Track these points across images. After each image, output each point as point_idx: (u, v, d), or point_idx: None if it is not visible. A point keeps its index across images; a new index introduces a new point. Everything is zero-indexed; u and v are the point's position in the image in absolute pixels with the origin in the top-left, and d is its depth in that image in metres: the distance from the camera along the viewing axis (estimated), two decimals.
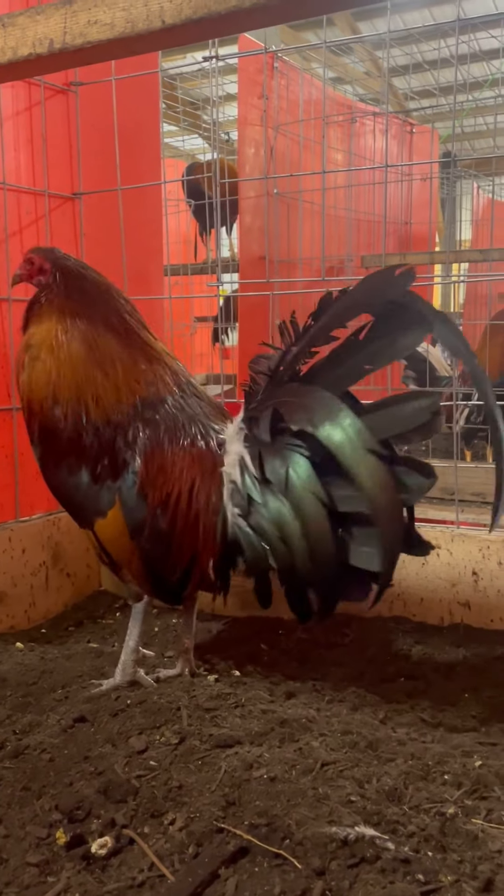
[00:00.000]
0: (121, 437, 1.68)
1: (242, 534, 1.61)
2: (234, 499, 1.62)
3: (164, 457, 1.68)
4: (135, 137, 2.70)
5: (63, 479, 1.71)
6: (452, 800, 1.25)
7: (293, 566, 1.53)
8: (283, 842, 1.14)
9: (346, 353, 1.49)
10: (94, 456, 1.68)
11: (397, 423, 1.45)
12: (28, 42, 1.29)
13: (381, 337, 1.46)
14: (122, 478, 1.67)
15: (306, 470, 1.49)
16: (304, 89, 3.69)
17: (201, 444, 1.70)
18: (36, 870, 1.14)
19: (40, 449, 1.74)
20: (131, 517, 1.66)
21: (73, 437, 1.68)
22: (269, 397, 1.60)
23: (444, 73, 5.80)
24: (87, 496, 1.69)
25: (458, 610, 2.14)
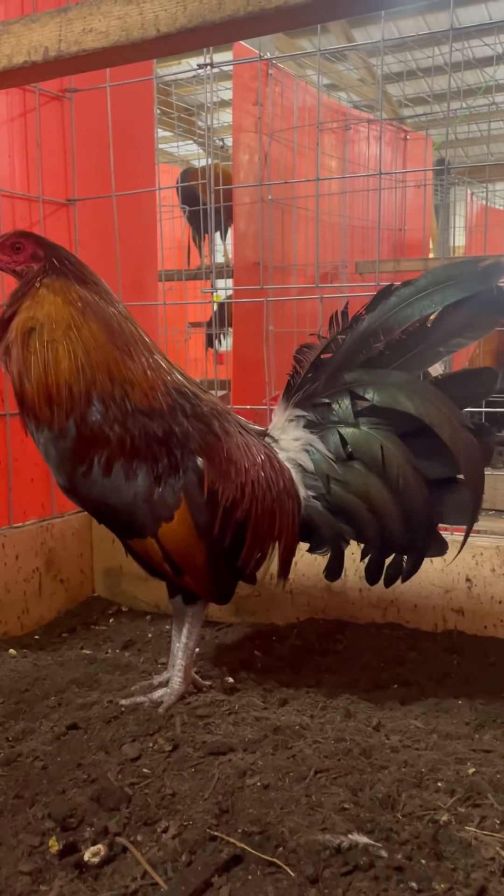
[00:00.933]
0: (175, 426, 1.59)
1: (318, 514, 1.68)
2: (306, 482, 1.68)
3: (224, 446, 1.63)
4: (129, 143, 2.71)
5: (117, 487, 1.55)
6: (446, 807, 1.25)
7: (386, 534, 1.64)
8: (276, 850, 1.14)
9: (416, 339, 1.59)
10: (154, 452, 1.56)
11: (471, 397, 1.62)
12: (23, 50, 1.30)
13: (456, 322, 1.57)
14: (185, 472, 1.58)
15: (399, 444, 1.60)
16: (299, 96, 3.71)
17: (246, 433, 1.71)
18: (28, 878, 1.13)
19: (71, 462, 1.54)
20: (201, 514, 1.58)
21: (122, 433, 1.54)
22: (334, 383, 1.66)
23: (437, 81, 5.83)
24: (149, 501, 1.55)
25: (452, 616, 2.14)
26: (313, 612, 2.28)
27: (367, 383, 1.62)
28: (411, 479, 1.59)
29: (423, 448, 1.60)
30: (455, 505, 1.62)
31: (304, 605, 2.29)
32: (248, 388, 3.23)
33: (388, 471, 1.60)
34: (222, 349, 4.77)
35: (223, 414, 1.70)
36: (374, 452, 1.61)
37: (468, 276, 1.55)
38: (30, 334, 1.55)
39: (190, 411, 1.63)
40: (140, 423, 1.55)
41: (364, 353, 1.64)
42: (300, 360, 1.75)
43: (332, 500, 1.67)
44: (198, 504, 1.58)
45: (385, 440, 1.61)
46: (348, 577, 2.25)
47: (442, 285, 1.57)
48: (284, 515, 1.67)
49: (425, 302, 1.58)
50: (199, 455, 1.60)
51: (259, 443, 1.72)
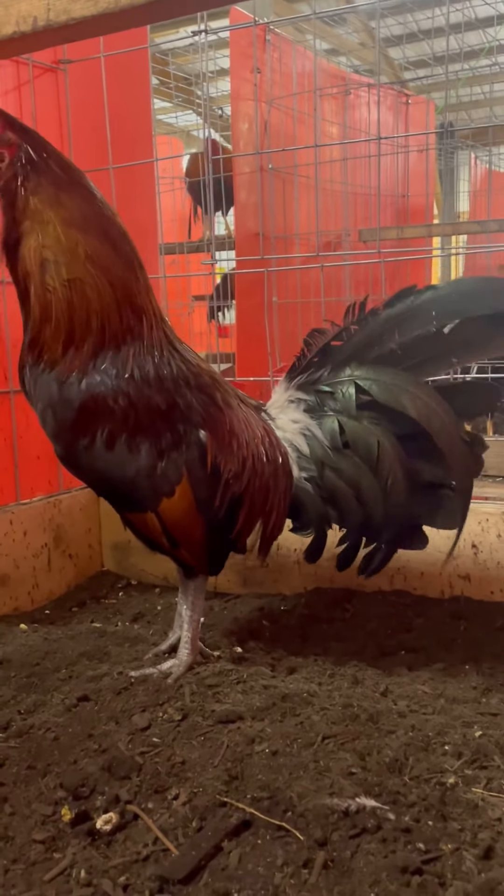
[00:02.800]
0: (179, 399, 1.56)
1: (306, 495, 1.70)
2: (300, 463, 1.70)
3: (227, 419, 1.63)
4: (126, 114, 2.68)
5: (121, 461, 1.52)
6: (453, 770, 1.26)
7: (367, 526, 1.68)
8: (285, 814, 1.15)
9: (431, 343, 1.60)
10: (157, 426, 1.53)
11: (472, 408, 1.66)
12: (12, 20, 1.28)
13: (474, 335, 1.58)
14: (188, 447, 1.56)
15: (394, 443, 1.62)
16: (298, 62, 3.65)
17: (244, 407, 1.71)
18: (42, 846, 1.15)
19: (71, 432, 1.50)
20: (202, 488, 1.58)
21: (126, 406, 1.50)
22: (340, 373, 1.68)
23: (439, 42, 5.73)
24: (151, 476, 1.53)
25: (458, 583, 2.15)
26: (320, 581, 2.29)
27: (373, 379, 1.64)
28: (401, 478, 1.62)
29: (418, 451, 1.63)
30: (442, 509, 1.66)
31: (312, 575, 2.30)
32: (253, 360, 3.22)
33: (381, 466, 1.63)
34: (227, 322, 4.76)
35: (222, 385, 1.70)
36: (370, 446, 1.64)
37: (494, 293, 1.56)
38: (45, 267, 1.45)
39: (193, 382, 1.60)
40: (145, 396, 1.51)
41: (376, 349, 1.65)
42: (309, 343, 1.75)
43: (324, 484, 1.69)
44: (199, 478, 1.57)
45: (382, 437, 1.63)
46: None
47: (466, 297, 1.59)
48: (277, 492, 1.69)
49: (447, 310, 1.58)
50: (202, 428, 1.59)
51: (258, 417, 1.73)
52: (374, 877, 1.02)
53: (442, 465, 1.61)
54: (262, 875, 1.05)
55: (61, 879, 1.08)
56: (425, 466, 1.64)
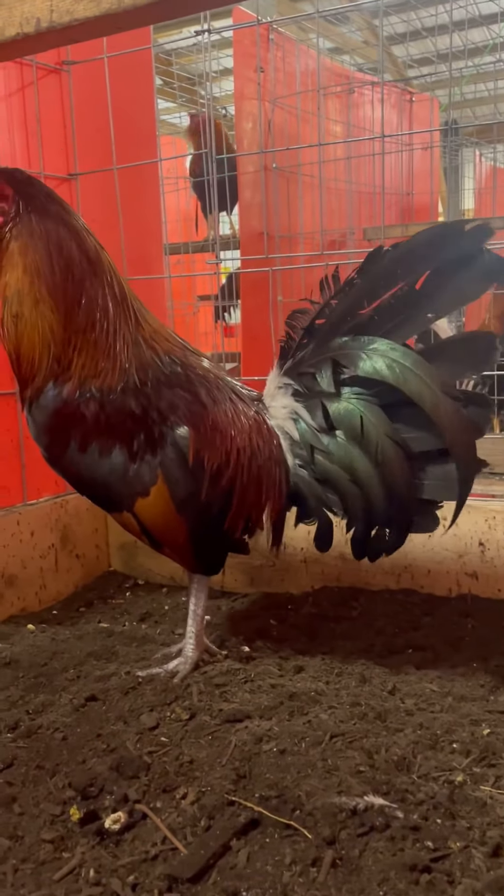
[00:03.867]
0: (153, 408, 1.56)
1: (304, 483, 1.66)
2: (294, 450, 1.67)
3: (211, 415, 1.61)
4: (130, 115, 2.68)
5: (92, 464, 1.56)
6: (461, 768, 1.26)
7: (368, 508, 1.60)
8: (293, 813, 1.15)
9: (404, 303, 1.55)
10: (128, 430, 1.55)
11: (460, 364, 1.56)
12: (15, 22, 1.28)
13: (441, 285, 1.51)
14: (163, 449, 1.57)
15: (380, 416, 1.56)
16: (301, 60, 3.65)
17: (236, 399, 1.68)
18: (51, 846, 1.15)
19: (48, 436, 1.58)
20: (179, 489, 1.57)
21: (97, 410, 1.54)
22: (320, 351, 1.63)
23: (442, 40, 5.72)
24: (124, 478, 1.56)
25: (466, 581, 2.14)
26: (327, 580, 2.29)
27: (350, 352, 1.57)
28: (391, 451, 1.55)
29: (410, 419, 1.55)
30: (443, 479, 1.57)
31: (319, 574, 2.30)
32: (258, 359, 3.22)
33: (367, 442, 1.57)
34: (233, 322, 4.75)
35: (212, 380, 1.67)
36: (353, 424, 1.58)
37: (455, 238, 1.49)
38: (5, 301, 1.55)
39: (175, 381, 1.61)
40: (117, 402, 1.55)
41: (353, 320, 1.59)
42: (293, 325, 1.72)
43: (317, 470, 1.65)
44: (176, 479, 1.57)
45: (366, 411, 1.56)
46: None
47: (428, 247, 1.52)
48: (271, 483, 1.66)
49: (414, 265, 1.53)
50: (184, 424, 1.58)
51: (250, 409, 1.69)
52: (383, 875, 1.02)
53: (433, 432, 1.52)
54: (271, 874, 1.05)
55: (70, 879, 1.09)
56: (417, 435, 1.56)
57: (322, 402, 1.62)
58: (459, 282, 1.51)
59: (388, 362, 1.52)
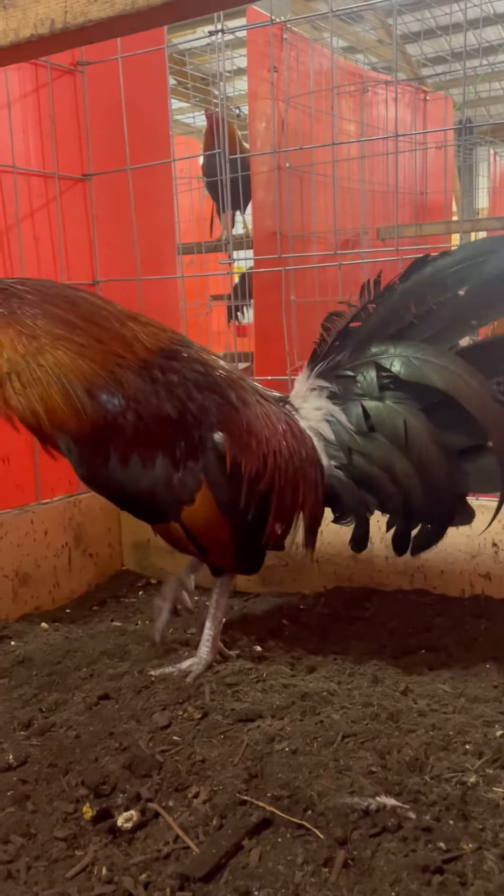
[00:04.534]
0: (190, 403, 1.56)
1: (340, 484, 1.68)
2: (329, 451, 1.68)
3: (243, 417, 1.61)
4: (143, 115, 2.69)
5: (134, 476, 1.53)
6: (474, 769, 1.25)
7: (408, 506, 1.63)
8: (305, 813, 1.15)
9: (448, 310, 1.58)
10: (169, 436, 1.53)
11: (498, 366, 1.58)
12: (29, 23, 1.29)
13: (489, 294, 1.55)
14: (204, 452, 1.56)
15: (421, 419, 1.59)
16: (315, 60, 3.65)
17: (264, 402, 1.69)
18: (64, 844, 1.16)
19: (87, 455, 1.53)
20: (223, 492, 1.57)
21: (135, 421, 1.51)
22: (359, 354, 1.65)
23: (457, 39, 5.70)
24: (168, 486, 1.54)
25: (479, 581, 2.13)
26: (340, 580, 2.28)
27: (393, 356, 1.60)
28: (434, 453, 1.58)
29: (449, 419, 1.58)
30: (482, 473, 1.60)
31: (331, 574, 2.29)
32: (271, 359, 3.22)
33: (411, 445, 1.59)
34: (246, 321, 4.76)
35: (237, 381, 1.67)
36: (396, 427, 1.60)
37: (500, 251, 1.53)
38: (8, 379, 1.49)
39: (203, 382, 1.59)
40: (152, 407, 1.52)
41: (394, 325, 1.62)
42: (328, 328, 1.73)
43: (355, 471, 1.66)
44: (219, 482, 1.57)
45: (409, 415, 1.59)
46: (374, 545, 2.25)
47: (479, 259, 1.55)
48: (308, 484, 1.67)
49: (462, 275, 1.56)
50: (218, 429, 1.57)
51: (279, 411, 1.70)
52: (395, 876, 1.02)
53: (477, 430, 1.56)
54: (283, 873, 1.05)
55: (83, 877, 1.09)
56: (459, 435, 1.59)
57: (362, 404, 1.64)
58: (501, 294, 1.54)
59: (434, 367, 1.55)
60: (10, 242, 2.27)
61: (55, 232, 2.45)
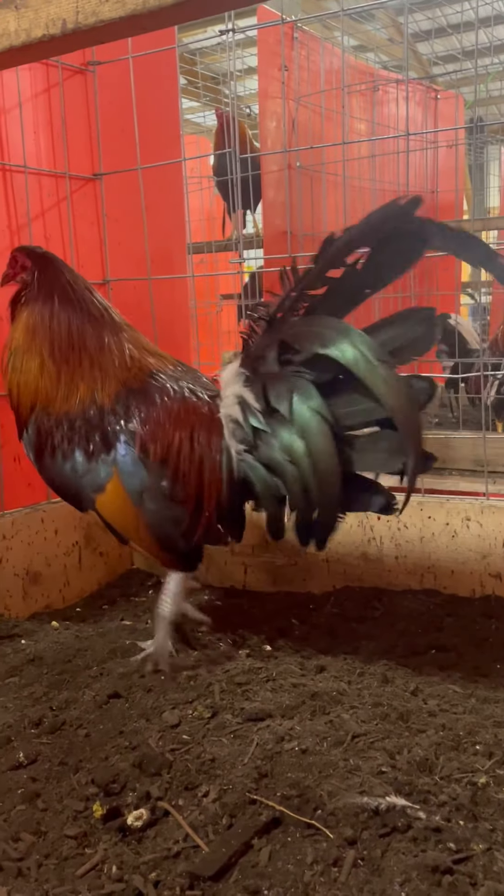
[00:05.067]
0: (110, 413, 1.72)
1: (250, 467, 1.68)
2: (237, 435, 1.68)
3: (158, 413, 1.71)
4: (154, 115, 2.69)
5: (59, 468, 1.74)
6: (484, 769, 1.25)
7: (304, 488, 1.60)
8: (314, 812, 1.15)
9: (346, 281, 1.56)
10: (85, 435, 1.71)
11: (397, 338, 1.54)
12: (41, 23, 1.29)
13: (379, 260, 1.53)
14: (115, 448, 1.70)
15: (310, 392, 1.56)
16: (326, 59, 3.64)
17: (191, 398, 1.75)
18: (74, 842, 1.16)
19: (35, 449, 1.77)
20: (131, 482, 1.69)
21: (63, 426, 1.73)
22: (272, 337, 1.65)
23: (468, 37, 5.68)
24: (83, 477, 1.71)
25: (490, 581, 2.13)
26: (349, 580, 2.28)
27: (296, 331, 1.59)
28: (315, 425, 1.55)
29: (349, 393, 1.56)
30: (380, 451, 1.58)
31: (341, 574, 2.29)
32: None
33: (297, 420, 1.57)
34: None
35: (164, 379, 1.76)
36: (284, 402, 1.58)
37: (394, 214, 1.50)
38: (9, 355, 1.78)
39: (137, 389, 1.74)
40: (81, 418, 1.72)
41: (302, 304, 1.62)
42: (254, 317, 1.72)
43: (261, 453, 1.65)
44: (128, 472, 1.68)
45: (298, 388, 1.57)
46: (384, 545, 2.25)
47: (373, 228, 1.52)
48: (212, 470, 1.69)
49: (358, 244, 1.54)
50: (134, 423, 1.70)
51: (202, 404, 1.74)
52: (405, 876, 1.02)
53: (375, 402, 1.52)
54: (292, 873, 1.05)
55: (93, 875, 1.10)
56: (357, 408, 1.55)
57: (264, 383, 1.63)
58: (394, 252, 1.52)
59: (329, 336, 1.53)
60: (21, 241, 2.27)
61: (66, 231, 2.45)
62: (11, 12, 1.32)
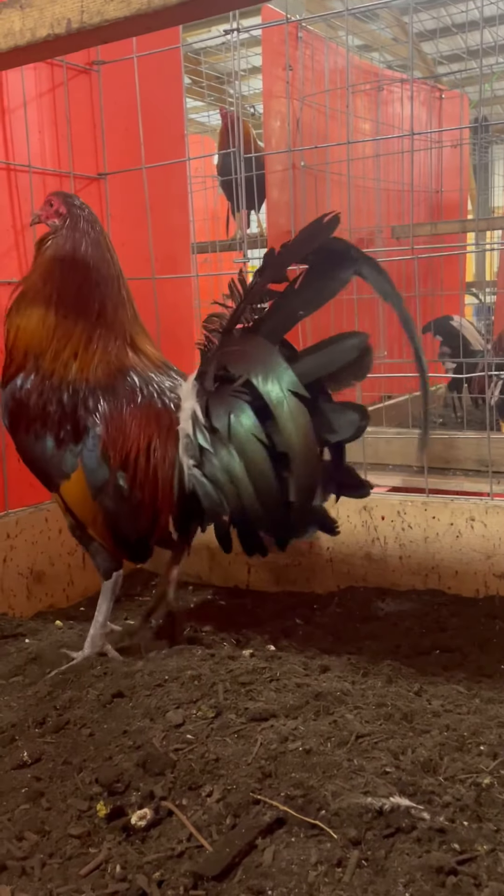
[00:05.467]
0: (82, 404, 1.74)
1: (198, 483, 1.69)
2: (189, 451, 1.70)
3: (122, 420, 1.74)
4: (158, 115, 2.69)
5: (31, 445, 1.78)
6: (488, 770, 1.25)
7: (243, 508, 1.62)
8: (318, 813, 1.15)
9: (284, 301, 1.59)
10: (58, 422, 1.74)
11: (327, 364, 1.56)
12: (46, 23, 1.29)
13: (312, 283, 1.55)
14: (84, 441, 1.73)
15: (248, 414, 1.59)
16: (330, 58, 3.64)
17: (158, 404, 1.76)
18: (78, 841, 1.16)
19: (9, 417, 1.81)
20: (93, 478, 1.73)
21: (39, 406, 1.75)
22: (218, 351, 1.67)
23: (473, 36, 5.67)
24: (51, 461, 1.76)
25: (494, 582, 2.13)
26: (353, 580, 2.28)
27: (233, 352, 1.62)
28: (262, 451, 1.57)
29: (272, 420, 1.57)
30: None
31: (345, 574, 2.29)
32: None
33: (235, 441, 1.60)
34: None
35: (148, 384, 1.78)
36: (224, 423, 1.61)
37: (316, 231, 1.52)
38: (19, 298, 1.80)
39: (110, 387, 1.75)
40: (55, 400, 1.74)
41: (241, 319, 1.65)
42: (209, 328, 1.76)
43: (206, 470, 1.67)
44: (91, 468, 1.73)
45: (235, 409, 1.59)
46: (388, 545, 2.25)
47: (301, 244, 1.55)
48: (165, 482, 1.71)
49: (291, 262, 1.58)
50: (100, 424, 1.73)
51: (165, 412, 1.76)
52: (409, 876, 1.02)
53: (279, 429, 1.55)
54: (296, 873, 1.05)
55: (97, 874, 1.10)
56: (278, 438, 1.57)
57: (207, 400, 1.67)
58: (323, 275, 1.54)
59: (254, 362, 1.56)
60: (26, 241, 2.28)
61: None
62: (16, 12, 1.32)
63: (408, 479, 3.03)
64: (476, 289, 6.20)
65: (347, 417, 1.57)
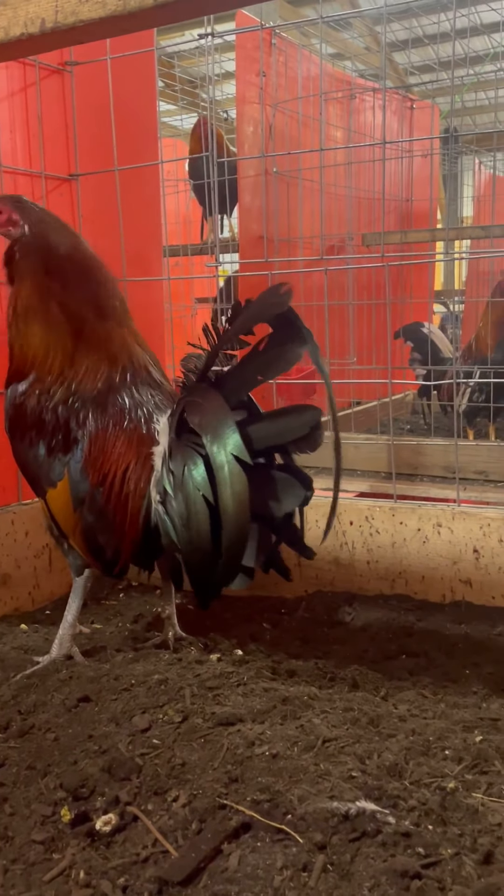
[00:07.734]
0: (73, 416, 1.77)
1: (160, 519, 1.70)
2: (157, 487, 1.71)
3: (105, 440, 1.76)
4: (131, 117, 2.68)
5: (24, 450, 1.82)
6: (453, 774, 1.26)
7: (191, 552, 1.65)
8: (284, 817, 1.15)
9: (248, 361, 1.63)
10: (51, 431, 1.77)
11: (278, 436, 1.61)
12: (20, 22, 1.28)
13: (272, 349, 1.59)
14: (72, 453, 1.76)
15: (199, 470, 1.61)
16: (303, 66, 3.66)
17: (143, 430, 1.77)
18: (41, 847, 1.15)
19: (8, 422, 1.84)
20: (76, 490, 1.75)
21: (35, 413, 1.78)
22: (186, 398, 1.70)
23: (444, 48, 5.74)
24: (41, 467, 1.79)
25: (460, 587, 2.15)
26: (321, 584, 2.29)
27: (191, 401, 1.65)
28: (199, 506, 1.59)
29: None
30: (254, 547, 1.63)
31: (313, 578, 2.30)
32: None
33: (185, 492, 1.62)
34: None
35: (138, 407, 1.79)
36: (179, 472, 1.64)
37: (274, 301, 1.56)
38: (14, 315, 1.81)
39: (100, 403, 1.77)
40: (50, 409, 1.77)
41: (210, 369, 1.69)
42: (188, 368, 1.81)
43: (167, 509, 1.68)
44: (75, 481, 1.76)
45: (189, 461, 1.62)
46: (356, 550, 2.26)
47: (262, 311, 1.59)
48: (133, 512, 1.72)
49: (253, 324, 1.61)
50: (86, 440, 1.76)
51: (151, 440, 1.76)
52: (374, 881, 1.02)
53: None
54: (262, 878, 1.05)
55: (60, 880, 1.08)
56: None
57: (170, 444, 1.70)
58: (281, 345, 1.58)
59: (207, 419, 1.58)
60: None
61: None
62: None
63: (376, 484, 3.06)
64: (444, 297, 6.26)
65: (294, 491, 1.62)
